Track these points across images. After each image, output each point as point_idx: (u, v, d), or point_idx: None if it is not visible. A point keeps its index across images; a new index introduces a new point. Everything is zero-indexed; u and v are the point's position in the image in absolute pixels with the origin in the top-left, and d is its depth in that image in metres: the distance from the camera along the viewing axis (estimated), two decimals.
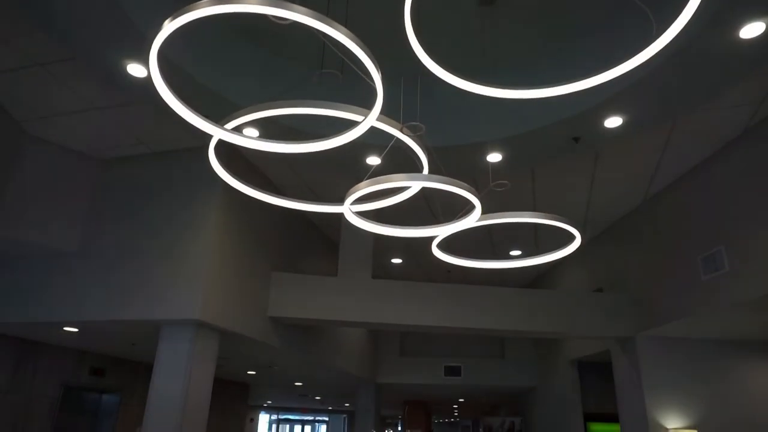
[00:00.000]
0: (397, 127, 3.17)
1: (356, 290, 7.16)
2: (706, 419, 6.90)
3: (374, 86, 2.54)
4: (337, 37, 2.19)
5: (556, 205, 7.51)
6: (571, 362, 9.95)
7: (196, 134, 5.56)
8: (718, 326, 6.71)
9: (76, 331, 6.72)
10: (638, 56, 2.46)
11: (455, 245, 5.50)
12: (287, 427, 24.91)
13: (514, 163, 5.94)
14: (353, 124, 2.83)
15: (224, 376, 11.50)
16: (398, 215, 6.76)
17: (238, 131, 2.80)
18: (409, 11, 2.47)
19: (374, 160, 5.92)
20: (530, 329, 7.40)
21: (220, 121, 2.86)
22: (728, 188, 5.84)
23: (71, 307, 5.87)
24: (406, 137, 3.25)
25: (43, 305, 5.97)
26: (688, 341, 7.35)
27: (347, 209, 3.41)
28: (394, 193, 3.68)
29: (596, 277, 8.90)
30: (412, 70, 4.06)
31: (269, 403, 19.57)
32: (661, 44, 2.39)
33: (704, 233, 6.13)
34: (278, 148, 2.86)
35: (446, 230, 3.81)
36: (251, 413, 16.59)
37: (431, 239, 4.36)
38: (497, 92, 2.75)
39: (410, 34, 2.57)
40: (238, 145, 2.84)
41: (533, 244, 9.14)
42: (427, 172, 3.56)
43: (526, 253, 9.51)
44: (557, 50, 5.01)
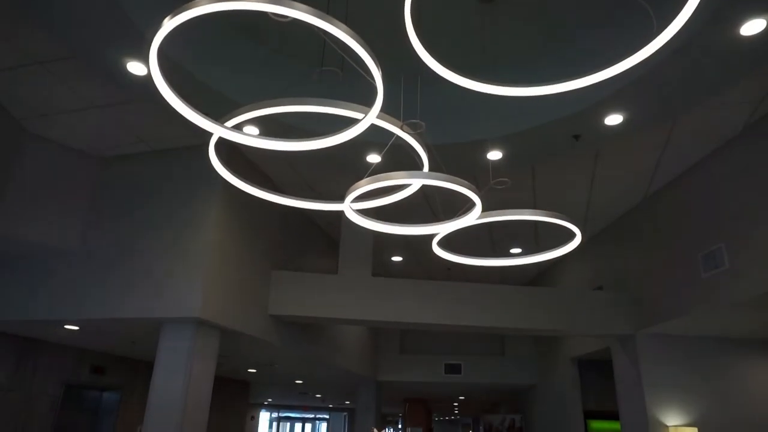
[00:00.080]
0: (397, 124, 3.17)
1: (356, 288, 7.17)
2: (705, 417, 6.90)
3: (374, 83, 2.53)
4: (337, 34, 2.19)
5: (556, 202, 7.50)
6: (571, 360, 9.96)
7: (196, 132, 5.56)
8: (718, 324, 6.72)
9: (76, 329, 6.73)
10: (639, 54, 2.46)
11: (455, 243, 5.50)
12: (288, 425, 24.94)
13: (514, 160, 5.94)
14: (353, 121, 2.83)
15: (225, 374, 11.51)
16: (398, 213, 6.76)
17: (238, 129, 2.79)
18: (409, 8, 2.47)
19: (374, 157, 5.92)
20: (530, 327, 7.41)
21: (220, 119, 2.85)
22: (728, 186, 5.83)
23: (71, 305, 5.87)
24: (406, 135, 3.25)
25: (43, 303, 5.98)
26: (688, 339, 7.35)
27: (347, 207, 3.41)
28: (394, 190, 3.68)
29: (596, 274, 8.90)
30: (412, 68, 4.05)
31: (270, 401, 19.60)
32: (661, 41, 2.38)
33: (704, 231, 6.13)
34: (278, 145, 2.86)
35: (446, 228, 3.81)
36: (252, 411, 16.61)
37: (431, 237, 4.36)
38: (497, 89, 2.74)
39: (410, 30, 2.56)
40: (238, 143, 2.83)
41: (533, 241, 9.15)
42: (427, 169, 3.55)
43: (526, 250, 9.51)
44: (557, 47, 5.00)
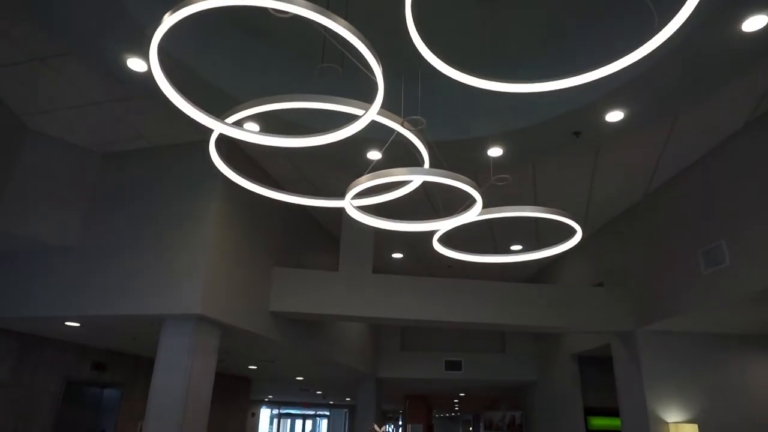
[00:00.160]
0: (397, 121, 3.17)
1: (357, 285, 7.17)
2: (706, 413, 6.91)
3: (375, 80, 2.53)
4: (337, 29, 2.19)
5: (557, 199, 7.50)
6: (571, 356, 9.97)
7: (196, 129, 5.54)
8: (718, 320, 6.72)
9: (77, 325, 6.74)
10: (639, 50, 2.45)
11: (456, 240, 5.50)
12: (288, 421, 24.97)
13: (515, 157, 5.93)
14: (354, 118, 2.82)
15: (225, 370, 11.54)
16: (399, 210, 6.76)
17: (238, 125, 2.79)
18: (410, 3, 2.46)
19: (375, 154, 5.91)
20: (531, 324, 7.42)
21: (220, 115, 2.85)
22: (729, 183, 5.83)
23: (72, 301, 5.88)
24: (406, 131, 3.25)
25: (43, 300, 5.98)
26: (688, 335, 7.36)
27: (348, 204, 3.41)
28: (395, 187, 3.68)
29: (597, 271, 8.90)
30: (412, 64, 4.05)
31: (270, 397, 19.63)
32: (662, 38, 2.38)
33: (705, 227, 6.12)
34: (279, 142, 2.86)
35: (447, 225, 3.81)
36: (252, 408, 16.63)
37: (432, 234, 4.36)
38: (498, 86, 2.74)
39: (411, 26, 2.56)
40: (238, 139, 2.83)
41: (534, 238, 9.14)
42: (428, 166, 3.55)
43: (527, 247, 9.50)
44: (558, 44, 4.99)
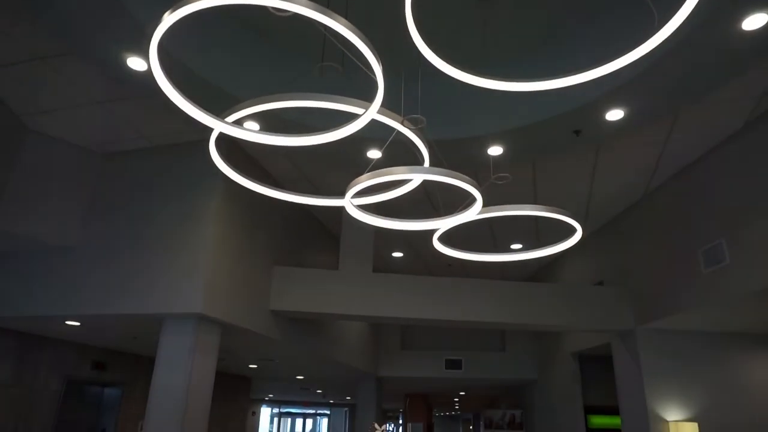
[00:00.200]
0: (398, 120, 3.17)
1: (357, 284, 7.17)
2: (706, 412, 6.92)
3: (375, 78, 2.53)
4: (337, 28, 2.19)
5: (557, 198, 7.50)
6: (571, 355, 9.98)
7: (196, 128, 5.56)
8: (718, 319, 6.72)
9: (77, 324, 6.74)
10: (639, 48, 2.45)
11: (456, 238, 5.50)
12: (288, 420, 24.98)
13: (515, 156, 5.93)
14: (354, 117, 2.82)
15: (226, 369, 11.54)
16: (399, 208, 6.76)
17: (238, 124, 2.79)
18: (409, 2, 2.46)
19: (375, 153, 5.91)
20: (531, 322, 7.42)
21: (220, 114, 2.85)
22: (729, 181, 5.83)
23: (72, 301, 5.88)
24: (407, 130, 3.25)
25: (44, 299, 5.99)
26: (688, 334, 7.36)
27: (348, 202, 3.41)
28: (395, 186, 3.68)
29: (597, 270, 8.90)
30: (412, 63, 4.05)
31: (271, 396, 19.64)
32: (662, 36, 2.38)
33: (705, 226, 6.12)
34: (279, 141, 2.86)
35: (447, 223, 3.81)
36: (253, 407, 16.64)
37: (432, 232, 4.36)
38: (498, 85, 2.74)
39: (410, 25, 2.56)
40: (238, 138, 2.83)
41: (534, 237, 9.14)
42: (428, 165, 3.55)
43: (527, 246, 9.50)
44: (558, 42, 4.98)
